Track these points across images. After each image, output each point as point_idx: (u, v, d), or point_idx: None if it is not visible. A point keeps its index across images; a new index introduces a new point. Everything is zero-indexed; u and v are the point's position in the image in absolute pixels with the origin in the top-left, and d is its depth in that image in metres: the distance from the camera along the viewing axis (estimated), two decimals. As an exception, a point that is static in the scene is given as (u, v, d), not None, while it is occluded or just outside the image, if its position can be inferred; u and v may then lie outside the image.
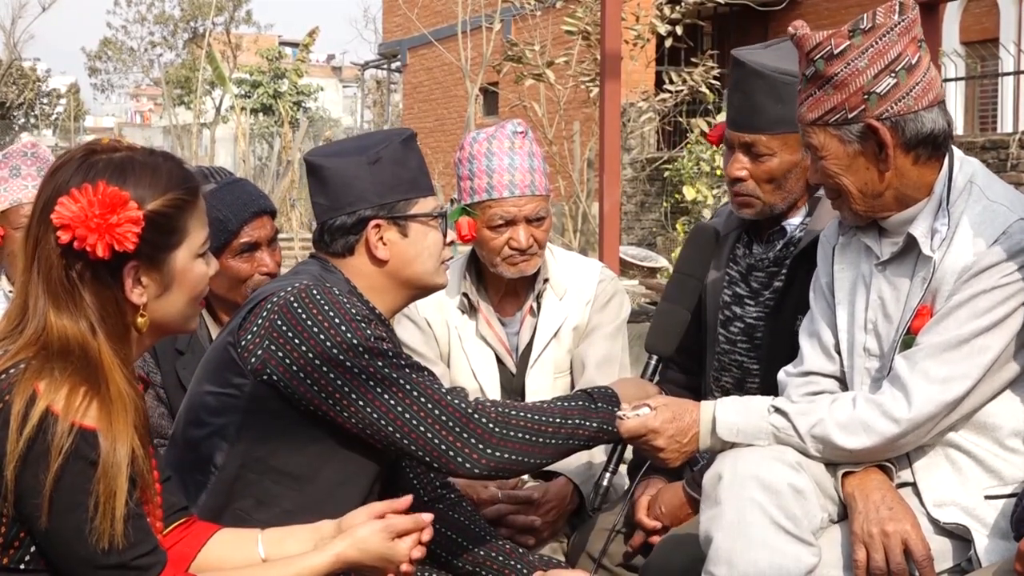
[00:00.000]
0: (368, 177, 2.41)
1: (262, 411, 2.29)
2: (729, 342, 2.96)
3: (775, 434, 2.41)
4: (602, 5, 5.12)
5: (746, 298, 2.94)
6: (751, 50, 2.84)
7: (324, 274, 2.41)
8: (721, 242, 2.99)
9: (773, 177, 2.80)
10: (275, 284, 2.42)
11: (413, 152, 2.49)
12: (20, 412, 1.75)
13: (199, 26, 37.09)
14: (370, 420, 2.26)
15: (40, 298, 1.86)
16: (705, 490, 2.42)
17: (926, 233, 2.38)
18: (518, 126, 3.13)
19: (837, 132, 2.36)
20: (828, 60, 2.33)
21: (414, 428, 2.25)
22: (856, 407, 2.36)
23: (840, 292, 2.54)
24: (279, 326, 2.27)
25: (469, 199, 3.10)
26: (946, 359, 2.31)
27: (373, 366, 2.25)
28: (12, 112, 38.14)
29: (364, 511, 2.08)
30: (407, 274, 2.46)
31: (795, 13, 17.84)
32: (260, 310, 2.30)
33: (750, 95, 2.77)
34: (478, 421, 2.28)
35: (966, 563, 2.34)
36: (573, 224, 11.49)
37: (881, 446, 2.35)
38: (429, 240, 2.47)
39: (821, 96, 2.36)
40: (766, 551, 2.29)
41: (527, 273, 3.13)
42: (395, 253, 2.44)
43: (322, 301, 2.27)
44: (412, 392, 2.26)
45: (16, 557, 1.81)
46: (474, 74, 11.78)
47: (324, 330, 2.25)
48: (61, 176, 1.87)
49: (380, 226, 2.42)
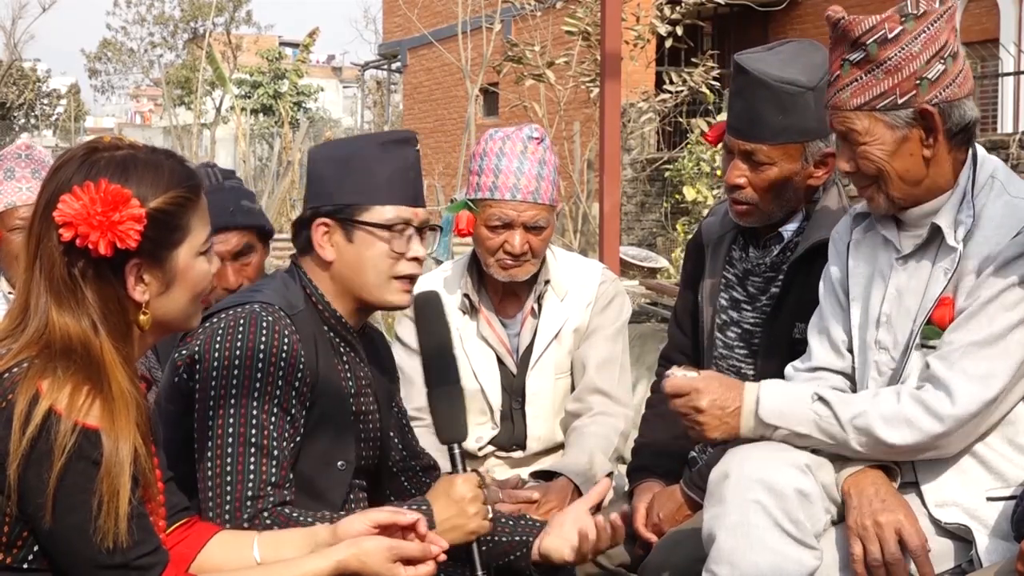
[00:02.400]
0: (334, 175, 2.38)
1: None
2: (726, 347, 2.96)
3: (817, 422, 2.37)
4: (602, 5, 5.12)
5: (743, 303, 2.94)
6: (755, 55, 2.82)
7: (285, 287, 2.38)
8: (716, 244, 2.99)
9: (772, 186, 2.80)
10: (232, 298, 2.40)
11: (392, 157, 2.39)
12: (23, 411, 1.75)
13: (199, 27, 37.09)
14: (196, 442, 2.24)
15: (42, 296, 1.85)
16: (710, 487, 2.41)
17: (951, 224, 2.38)
18: (534, 131, 3.12)
19: (885, 117, 2.35)
20: (882, 44, 2.32)
21: (206, 482, 2.21)
22: (900, 401, 2.34)
23: (855, 287, 2.54)
24: (200, 349, 2.28)
25: (474, 194, 3.10)
26: (983, 356, 2.30)
27: (225, 409, 2.22)
28: (12, 113, 38.15)
29: (362, 519, 2.04)
30: (353, 283, 2.39)
31: (795, 13, 17.86)
32: (200, 327, 2.28)
33: (752, 103, 2.76)
34: (243, 521, 2.18)
35: (967, 564, 2.34)
36: (573, 224, 11.49)
37: (924, 443, 2.33)
38: (373, 251, 2.36)
39: (869, 81, 2.34)
40: (768, 553, 2.28)
41: (517, 279, 3.12)
42: (338, 256, 2.38)
43: (240, 335, 2.25)
44: (227, 457, 2.21)
45: (19, 556, 1.81)
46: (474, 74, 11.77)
47: (221, 358, 2.24)
48: (63, 174, 1.86)
49: (328, 225, 2.37)
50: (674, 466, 2.98)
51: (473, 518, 2.30)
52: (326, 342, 2.37)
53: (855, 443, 2.36)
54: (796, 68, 2.75)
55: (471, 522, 2.30)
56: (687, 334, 3.10)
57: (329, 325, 2.39)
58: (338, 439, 2.36)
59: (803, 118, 2.75)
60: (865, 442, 2.35)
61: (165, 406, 2.35)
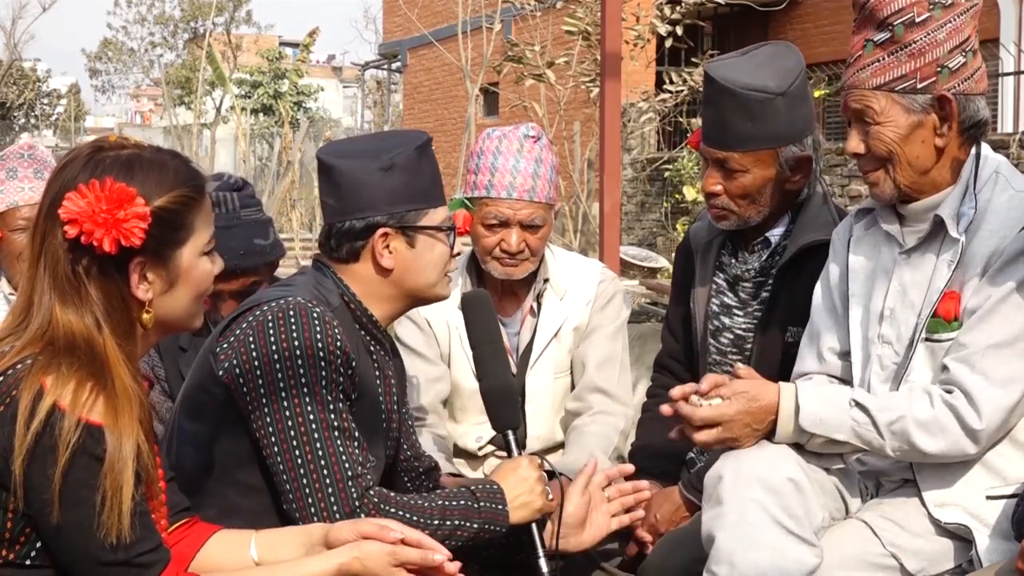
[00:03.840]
0: (380, 183, 2.37)
1: (229, 421, 2.27)
2: (720, 353, 2.96)
3: (855, 428, 2.37)
4: (602, 5, 5.12)
5: (735, 308, 2.95)
6: (725, 62, 2.82)
7: (318, 285, 2.38)
8: (705, 250, 3.00)
9: (747, 193, 2.81)
10: (268, 292, 2.39)
11: (427, 160, 2.43)
12: (27, 407, 1.76)
13: (199, 26, 37.06)
14: (268, 442, 2.22)
15: (46, 293, 1.86)
16: (707, 490, 2.42)
17: (953, 215, 2.39)
18: (531, 130, 3.12)
19: (902, 100, 2.37)
20: (909, 26, 2.35)
21: (298, 474, 2.19)
22: (935, 406, 2.34)
23: (855, 284, 2.55)
24: (248, 341, 2.25)
25: (470, 193, 3.11)
26: (1004, 358, 2.31)
27: (300, 398, 2.21)
28: (12, 113, 38.14)
29: (351, 527, 2.03)
30: (410, 284, 2.43)
31: (795, 13, 17.85)
32: (243, 320, 2.28)
33: (721, 112, 2.77)
34: (352, 501, 2.19)
35: (967, 564, 2.34)
36: (573, 224, 11.49)
37: (954, 454, 2.34)
38: (436, 252, 2.43)
39: (891, 62, 2.36)
40: (768, 552, 2.29)
41: (514, 277, 3.13)
42: (400, 263, 2.40)
43: (294, 327, 2.23)
44: (316, 444, 2.19)
45: (22, 552, 1.82)
46: (474, 74, 11.78)
47: (281, 349, 2.21)
48: (69, 172, 1.87)
49: (388, 235, 2.38)
50: (671, 468, 2.98)
51: (540, 496, 2.38)
52: (358, 340, 2.38)
53: (890, 449, 2.37)
54: (766, 73, 2.76)
55: (538, 500, 2.37)
56: (679, 340, 3.11)
57: (360, 324, 2.40)
58: (371, 436, 2.37)
59: (773, 124, 2.75)
60: (899, 447, 2.36)
61: (185, 423, 2.32)
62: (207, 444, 2.29)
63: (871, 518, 2.42)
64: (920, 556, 2.37)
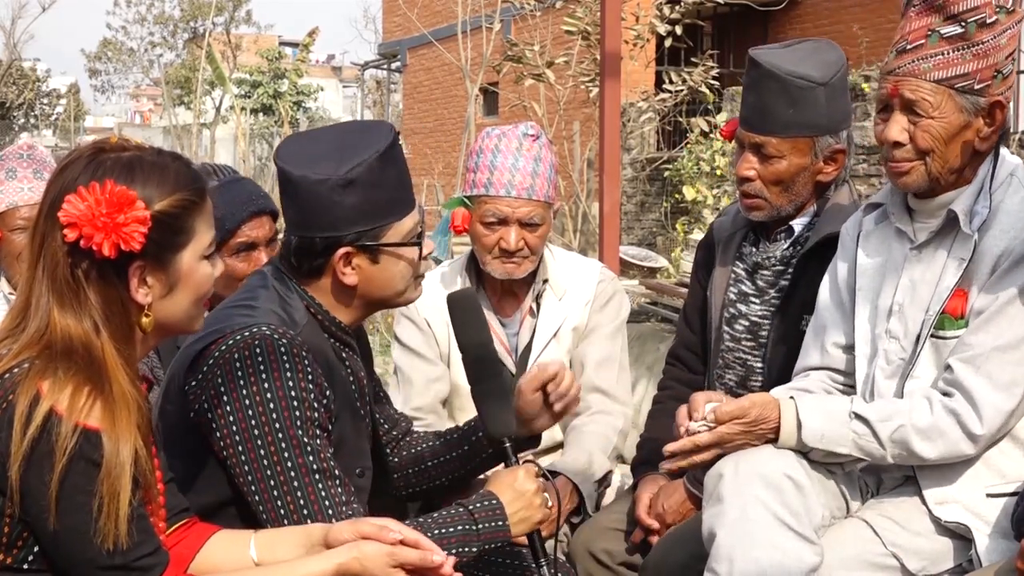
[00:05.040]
0: (339, 200, 2.24)
1: (208, 467, 2.23)
2: (733, 340, 2.97)
3: (856, 440, 2.38)
4: (602, 5, 5.12)
5: (751, 296, 2.95)
6: (769, 50, 2.85)
7: (283, 300, 2.31)
8: (727, 241, 3.01)
9: (781, 179, 2.82)
10: (232, 316, 2.27)
11: (392, 164, 2.28)
12: (24, 412, 1.75)
13: (199, 26, 37.06)
14: (248, 490, 2.18)
15: (44, 296, 1.85)
16: (707, 488, 2.42)
17: (966, 212, 2.39)
18: (530, 129, 3.12)
19: (959, 98, 2.37)
20: (981, 26, 2.34)
21: (282, 524, 2.15)
22: (934, 412, 2.35)
23: (863, 279, 2.55)
24: (218, 384, 2.18)
25: (469, 191, 3.11)
26: (1007, 361, 2.32)
27: (276, 446, 2.15)
28: (12, 112, 38.15)
29: (350, 528, 2.03)
30: (377, 296, 2.36)
31: (795, 13, 17.85)
32: (209, 355, 2.19)
33: (763, 96, 2.78)
34: None
35: (967, 563, 2.35)
36: (573, 224, 11.48)
37: (952, 457, 2.36)
38: (400, 265, 2.33)
39: (955, 58, 2.35)
40: (768, 549, 2.29)
41: (515, 276, 3.12)
42: (364, 278, 2.31)
43: (263, 368, 2.16)
44: (297, 492, 2.16)
45: (20, 557, 1.82)
46: (474, 74, 11.76)
47: (252, 394, 2.16)
48: (69, 174, 1.86)
49: (350, 253, 2.28)
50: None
51: (539, 509, 2.34)
52: (329, 350, 2.34)
53: (891, 457, 2.38)
54: (809, 64, 2.78)
55: (537, 513, 2.33)
56: (695, 331, 3.11)
57: (329, 332, 2.35)
58: (355, 447, 2.36)
59: (813, 113, 2.77)
60: (899, 454, 2.38)
61: (168, 425, 2.28)
62: (187, 483, 2.21)
63: (872, 517, 2.42)
64: (921, 555, 2.37)
